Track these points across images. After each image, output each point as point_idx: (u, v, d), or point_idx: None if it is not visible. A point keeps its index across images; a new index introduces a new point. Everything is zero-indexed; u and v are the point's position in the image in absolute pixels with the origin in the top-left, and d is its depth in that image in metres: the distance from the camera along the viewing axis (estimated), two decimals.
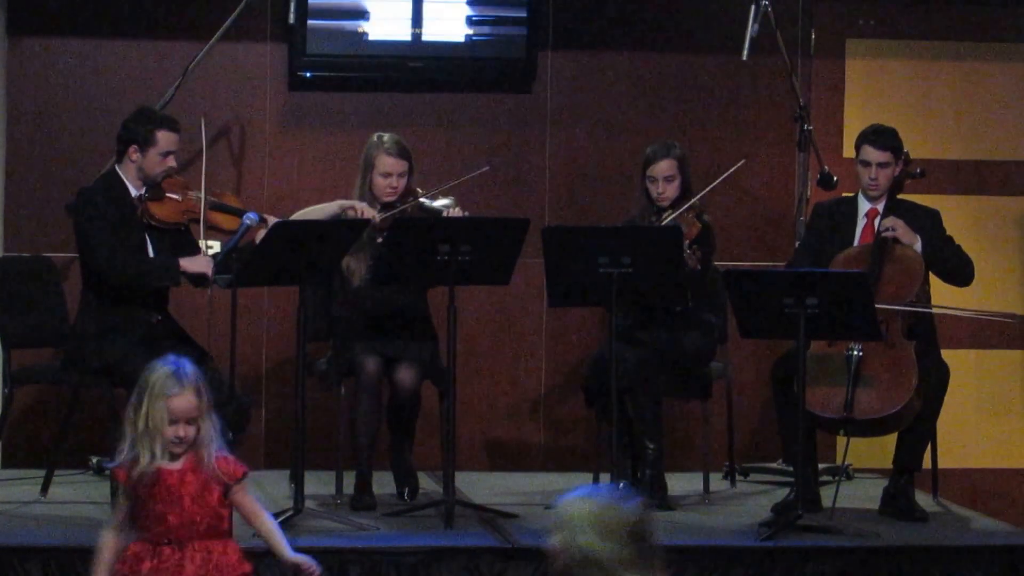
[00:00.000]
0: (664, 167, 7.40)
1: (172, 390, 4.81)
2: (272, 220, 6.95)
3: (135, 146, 6.89)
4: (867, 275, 6.78)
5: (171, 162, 6.92)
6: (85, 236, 6.85)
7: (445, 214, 7.22)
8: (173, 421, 4.81)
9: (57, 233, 7.86)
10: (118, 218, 6.87)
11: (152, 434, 4.82)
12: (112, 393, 6.82)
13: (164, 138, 6.90)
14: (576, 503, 3.85)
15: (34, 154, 8.19)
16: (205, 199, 6.94)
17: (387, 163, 7.24)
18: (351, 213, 7.11)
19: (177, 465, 4.86)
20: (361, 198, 7.27)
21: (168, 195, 6.96)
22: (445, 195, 7.35)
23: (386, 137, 7.31)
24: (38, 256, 7.49)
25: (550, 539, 3.84)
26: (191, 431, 4.83)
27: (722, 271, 7.20)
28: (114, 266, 6.80)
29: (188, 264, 6.84)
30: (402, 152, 7.27)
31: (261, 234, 6.81)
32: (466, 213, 7.26)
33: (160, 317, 6.96)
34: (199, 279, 6.89)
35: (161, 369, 4.84)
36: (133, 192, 6.93)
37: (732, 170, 7.49)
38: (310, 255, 6.64)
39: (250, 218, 6.84)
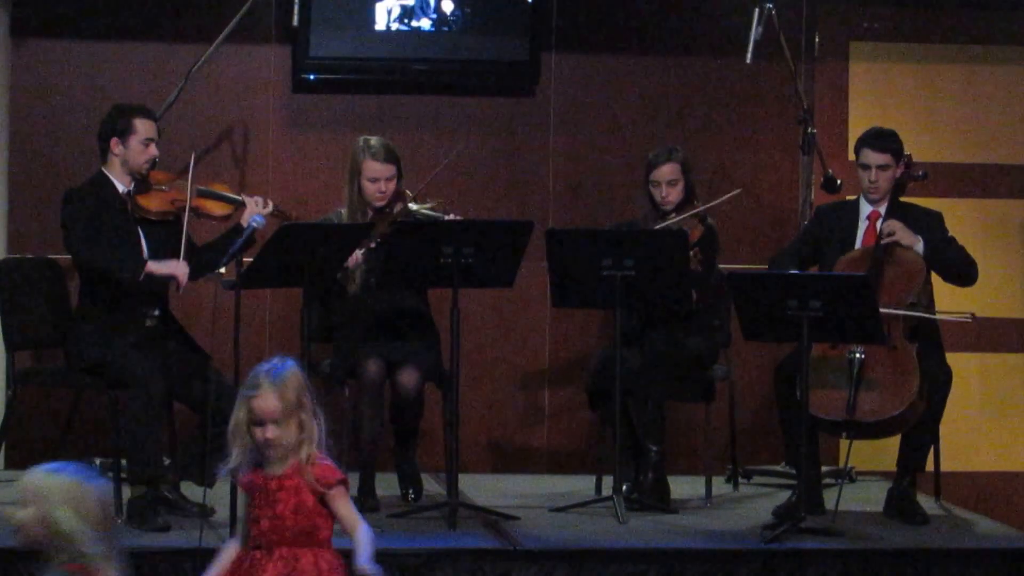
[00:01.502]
0: (667, 171, 7.41)
1: (251, 391, 4.66)
2: (250, 200, 7.01)
3: (115, 139, 6.92)
4: (868, 278, 6.78)
5: (153, 150, 6.94)
6: (64, 227, 6.88)
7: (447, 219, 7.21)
8: (256, 423, 4.65)
9: (61, 235, 7.86)
10: (109, 217, 6.88)
11: (236, 434, 4.70)
12: (113, 394, 6.82)
13: (142, 125, 6.93)
14: (51, 478, 4.02)
15: (38, 156, 8.20)
16: (189, 208, 6.95)
17: (374, 168, 7.22)
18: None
19: (279, 470, 4.70)
20: (351, 204, 7.26)
21: (155, 187, 6.99)
22: (432, 199, 7.34)
23: (372, 141, 7.28)
24: (42, 258, 7.49)
25: (19, 511, 4.05)
26: (278, 433, 4.65)
27: (726, 274, 7.20)
28: (83, 254, 6.81)
29: (156, 267, 6.83)
30: (389, 156, 7.24)
31: (247, 217, 6.87)
32: (450, 215, 7.24)
33: (158, 313, 6.96)
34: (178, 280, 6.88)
35: (256, 369, 4.70)
36: (121, 189, 6.95)
37: (727, 197, 7.46)
38: (315, 257, 6.65)
39: (256, 220, 6.85)
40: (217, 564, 4.81)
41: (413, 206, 7.25)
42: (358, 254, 7.08)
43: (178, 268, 6.83)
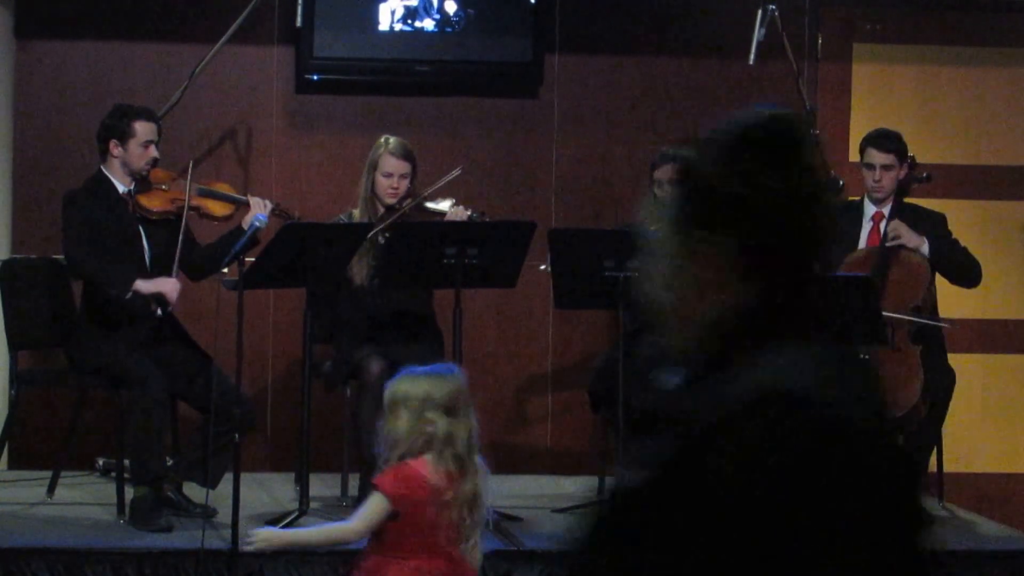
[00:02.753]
0: (670, 171, 7.42)
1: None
2: (254, 199, 7.02)
3: (114, 140, 6.93)
4: (872, 280, 6.79)
5: (153, 152, 6.94)
6: (63, 230, 6.89)
7: (450, 215, 7.23)
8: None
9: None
10: (108, 217, 6.89)
11: (457, 446, 4.72)
12: (117, 395, 6.83)
13: (142, 128, 6.93)
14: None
15: (42, 156, 8.21)
16: (189, 208, 6.97)
17: (390, 163, 7.26)
18: None
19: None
20: (364, 199, 7.29)
21: (156, 187, 6.99)
22: (444, 196, 7.36)
23: (392, 139, 7.34)
24: (45, 258, 7.50)
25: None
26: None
27: None
28: (75, 260, 6.82)
29: (143, 285, 6.79)
30: (406, 154, 7.29)
31: (249, 219, 6.88)
32: (471, 212, 7.26)
33: (160, 313, 6.96)
34: (161, 300, 6.83)
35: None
36: (121, 189, 6.95)
37: None
38: (317, 258, 6.66)
39: (259, 220, 6.86)
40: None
41: (428, 204, 7.27)
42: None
43: (167, 285, 6.81)
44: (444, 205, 7.31)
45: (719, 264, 2.13)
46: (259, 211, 6.98)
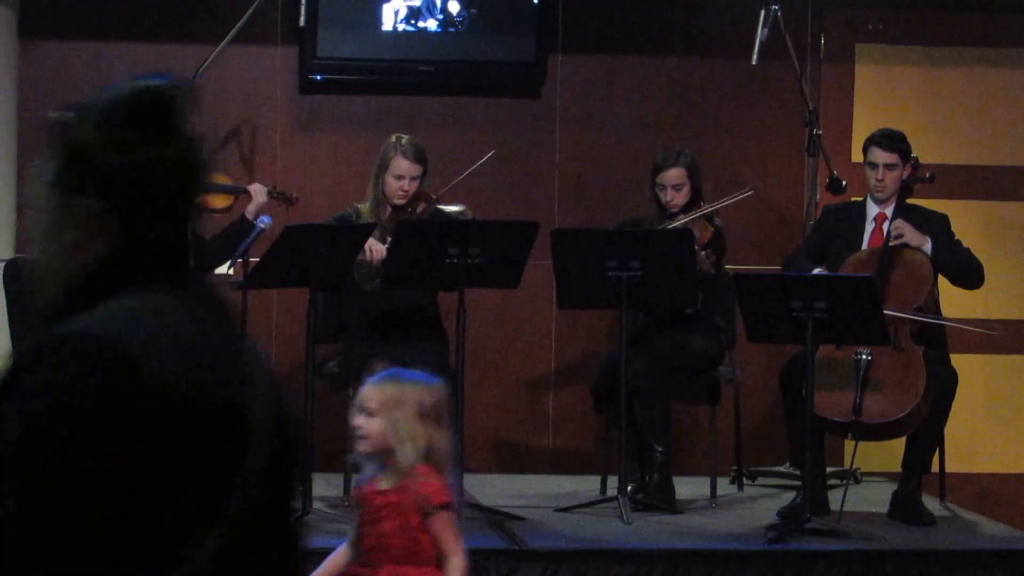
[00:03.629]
0: (673, 175, 7.42)
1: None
2: (254, 189, 7.05)
3: None
4: (874, 279, 6.79)
5: None
6: None
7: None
8: (358, 409, 4.64)
9: None
10: None
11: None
12: None
13: None
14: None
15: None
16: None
17: (401, 165, 7.25)
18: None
19: (386, 484, 4.58)
20: (374, 198, 7.28)
21: None
22: (457, 203, 7.38)
23: (404, 139, 7.31)
24: None
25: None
26: (362, 422, 4.60)
27: (731, 275, 7.21)
28: None
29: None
30: (418, 156, 7.27)
31: (252, 208, 6.91)
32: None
33: None
34: None
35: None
36: None
37: (737, 197, 7.49)
38: (319, 258, 6.67)
39: (264, 222, 6.87)
40: (323, 566, 4.71)
41: (441, 208, 7.29)
42: (382, 248, 7.07)
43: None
44: (453, 210, 7.31)
45: (86, 224, 2.31)
46: (259, 198, 7.00)
